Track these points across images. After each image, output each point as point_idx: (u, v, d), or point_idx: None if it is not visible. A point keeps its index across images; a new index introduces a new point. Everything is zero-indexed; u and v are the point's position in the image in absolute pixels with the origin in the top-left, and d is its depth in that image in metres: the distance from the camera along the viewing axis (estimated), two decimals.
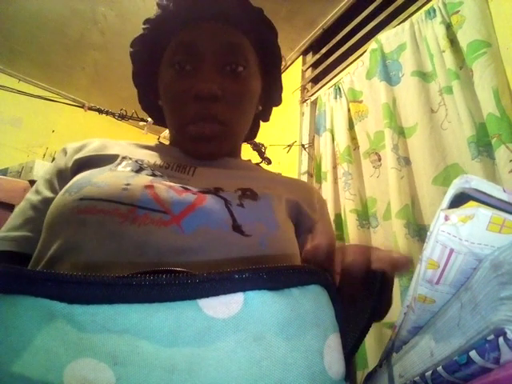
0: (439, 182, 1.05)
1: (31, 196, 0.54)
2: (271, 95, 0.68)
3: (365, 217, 1.28)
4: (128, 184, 0.45)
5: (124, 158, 0.52)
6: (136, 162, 0.52)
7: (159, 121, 0.70)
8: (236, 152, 0.65)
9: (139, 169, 0.50)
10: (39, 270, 0.21)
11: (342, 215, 1.33)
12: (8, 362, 0.19)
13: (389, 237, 1.17)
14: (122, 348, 0.20)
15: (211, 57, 0.55)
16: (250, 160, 0.68)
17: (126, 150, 0.56)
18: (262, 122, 0.74)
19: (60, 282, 0.21)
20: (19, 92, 2.06)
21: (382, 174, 1.26)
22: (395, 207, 1.09)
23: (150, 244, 0.41)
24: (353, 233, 1.25)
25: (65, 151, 0.57)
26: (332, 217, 1.34)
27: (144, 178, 0.48)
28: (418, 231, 1.07)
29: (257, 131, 0.74)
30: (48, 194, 0.53)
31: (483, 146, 0.95)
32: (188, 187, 0.48)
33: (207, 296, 0.21)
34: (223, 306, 0.21)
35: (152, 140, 0.67)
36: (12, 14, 1.81)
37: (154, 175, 0.50)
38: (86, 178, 0.47)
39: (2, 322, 0.20)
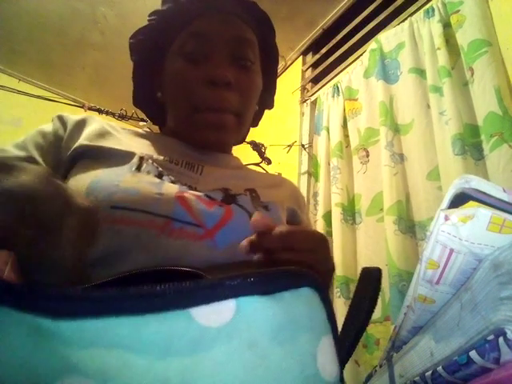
0: (433, 176, 1.05)
1: (16, 151, 0.50)
2: (266, 97, 0.68)
3: (350, 213, 1.30)
4: (160, 193, 0.45)
5: (142, 158, 0.51)
6: (153, 163, 0.51)
7: (153, 116, 0.69)
8: (230, 148, 0.66)
9: (159, 173, 0.50)
10: (24, 284, 0.21)
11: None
12: None
13: (369, 232, 1.19)
14: (112, 363, 0.19)
15: (223, 47, 0.55)
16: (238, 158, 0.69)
17: (130, 143, 0.55)
18: (260, 124, 0.74)
19: (45, 297, 0.20)
20: (19, 92, 2.06)
21: (369, 170, 1.28)
22: (387, 203, 1.10)
23: (185, 258, 0.41)
24: (336, 227, 1.27)
25: (63, 121, 0.55)
26: (322, 212, 1.37)
27: (171, 187, 0.47)
28: (412, 227, 1.07)
29: (246, 134, 0.74)
30: (38, 158, 0.50)
31: (469, 145, 0.96)
32: (212, 196, 0.48)
33: (199, 304, 0.21)
34: (215, 314, 0.21)
35: None
36: (12, 14, 1.81)
37: (173, 182, 0.50)
38: (110, 179, 0.45)
39: None
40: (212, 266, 0.41)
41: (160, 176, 0.49)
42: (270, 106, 0.72)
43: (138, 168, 0.49)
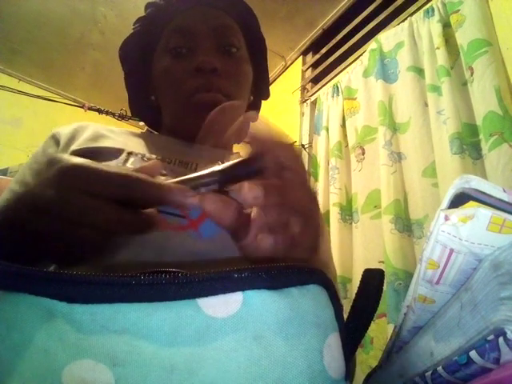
0: (428, 173, 1.06)
1: (17, 187, 0.51)
2: (260, 86, 0.68)
3: (348, 212, 1.31)
4: None
5: (130, 153, 0.51)
6: (142, 159, 0.51)
7: (151, 122, 0.69)
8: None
9: None
10: (39, 269, 0.21)
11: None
12: (8, 362, 0.19)
13: (365, 230, 1.19)
14: (121, 348, 0.19)
15: (206, 38, 0.56)
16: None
17: (124, 141, 0.55)
18: None
19: (60, 281, 0.21)
20: (19, 92, 2.07)
21: (364, 167, 1.28)
22: (384, 202, 1.10)
23: (168, 249, 0.40)
24: (334, 227, 1.27)
25: (56, 140, 0.55)
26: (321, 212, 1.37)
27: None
28: (409, 226, 1.08)
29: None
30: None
31: (467, 144, 0.96)
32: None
33: (206, 295, 0.21)
34: (222, 306, 0.21)
35: None
36: (12, 14, 1.81)
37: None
38: None
39: (3, 320, 0.20)
40: (195, 257, 0.40)
41: None
42: (266, 95, 0.72)
43: (125, 162, 0.49)
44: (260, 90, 0.69)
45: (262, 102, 0.73)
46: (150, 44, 0.61)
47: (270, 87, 0.73)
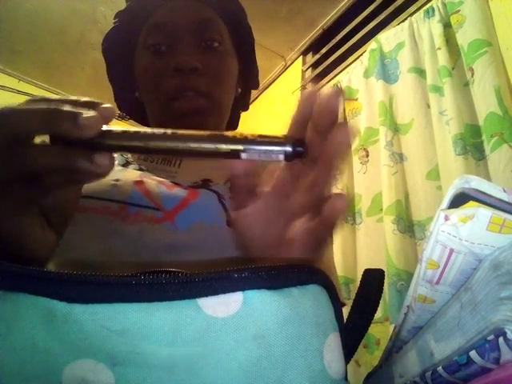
0: (432, 176, 1.06)
1: None
2: (248, 77, 0.67)
3: (350, 213, 1.31)
4: (117, 180, 0.44)
5: None
6: (121, 155, 0.51)
7: (136, 117, 0.69)
8: None
9: (126, 163, 0.49)
10: (39, 269, 0.21)
11: None
12: (9, 362, 0.19)
13: (370, 233, 1.19)
14: (121, 348, 0.19)
15: (186, 34, 0.54)
16: None
17: None
18: (260, 124, 0.74)
19: (60, 281, 0.21)
20: (19, 92, 2.06)
21: (369, 170, 1.28)
22: (386, 203, 1.10)
23: (144, 242, 0.40)
24: None
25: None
26: None
27: (132, 173, 0.46)
28: (411, 227, 1.08)
29: (238, 121, 0.73)
30: None
31: (470, 145, 0.97)
32: (178, 182, 0.47)
33: (206, 295, 0.21)
34: (222, 306, 0.21)
35: None
36: (12, 14, 1.81)
37: (141, 169, 0.49)
38: None
39: (3, 320, 0.20)
40: (173, 250, 0.40)
41: (126, 165, 0.49)
42: (255, 86, 0.70)
43: None
44: (248, 80, 0.67)
45: (262, 102, 0.72)
46: (131, 39, 0.59)
47: (270, 87, 0.73)
